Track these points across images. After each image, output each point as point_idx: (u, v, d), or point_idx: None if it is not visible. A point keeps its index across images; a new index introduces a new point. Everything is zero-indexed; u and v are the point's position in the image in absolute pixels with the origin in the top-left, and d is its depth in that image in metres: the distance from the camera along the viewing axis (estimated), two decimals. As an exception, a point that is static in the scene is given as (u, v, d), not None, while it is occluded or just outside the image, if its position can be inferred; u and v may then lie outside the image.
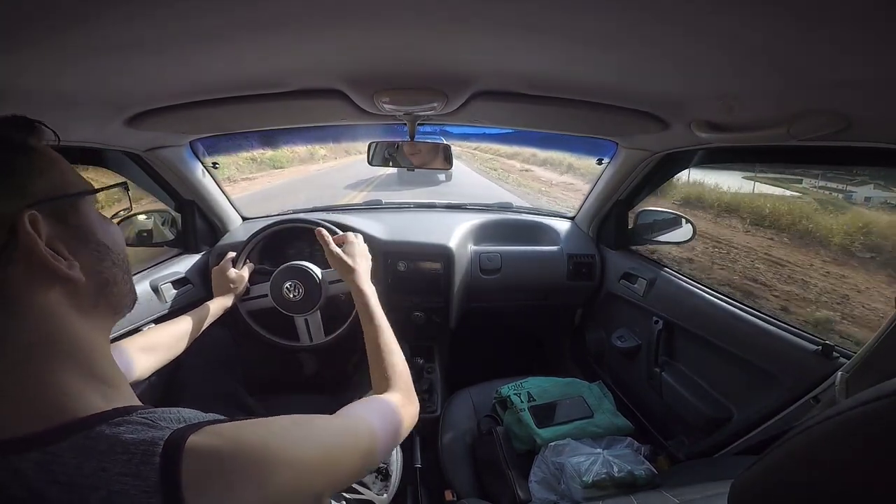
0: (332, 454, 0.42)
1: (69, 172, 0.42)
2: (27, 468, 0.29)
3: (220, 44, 0.56)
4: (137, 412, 0.34)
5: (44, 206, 0.36)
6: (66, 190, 0.39)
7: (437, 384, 1.46)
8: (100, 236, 0.41)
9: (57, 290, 0.35)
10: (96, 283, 0.39)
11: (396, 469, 1.06)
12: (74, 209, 0.40)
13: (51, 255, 0.35)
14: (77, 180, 0.42)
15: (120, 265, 0.43)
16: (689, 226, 1.36)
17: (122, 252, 0.45)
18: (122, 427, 0.32)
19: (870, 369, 0.71)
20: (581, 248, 1.61)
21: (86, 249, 0.39)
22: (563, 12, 0.45)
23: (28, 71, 0.57)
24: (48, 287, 0.35)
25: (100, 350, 0.38)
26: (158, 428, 0.33)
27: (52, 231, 0.36)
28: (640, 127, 0.95)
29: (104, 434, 0.31)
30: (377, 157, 1.22)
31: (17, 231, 0.33)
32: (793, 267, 4.27)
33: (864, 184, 5.19)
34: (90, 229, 0.40)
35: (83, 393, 0.34)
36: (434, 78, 0.75)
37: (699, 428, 1.11)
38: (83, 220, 0.40)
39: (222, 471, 0.32)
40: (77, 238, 0.39)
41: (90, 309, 0.38)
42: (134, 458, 0.30)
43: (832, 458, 0.35)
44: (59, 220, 0.37)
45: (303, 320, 1.27)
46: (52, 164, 0.40)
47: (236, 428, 0.35)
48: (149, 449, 0.31)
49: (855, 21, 0.39)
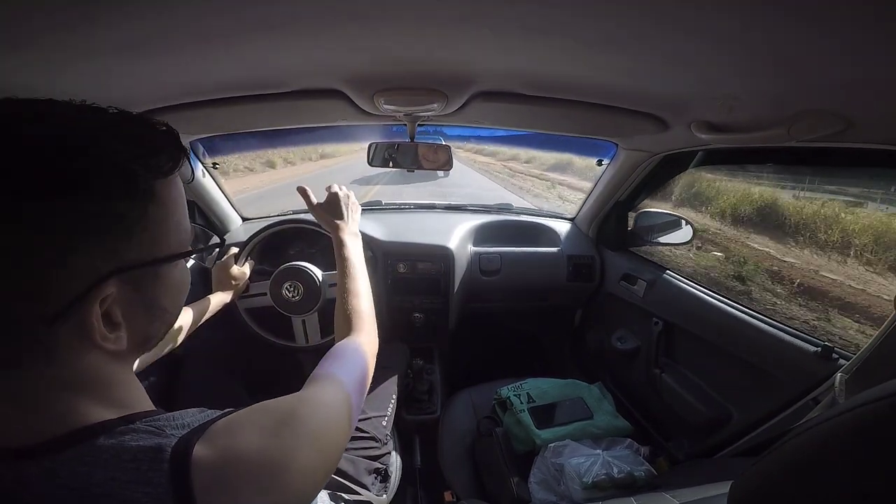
0: (325, 447, 0.42)
1: (179, 225, 0.37)
2: (34, 476, 0.29)
3: (220, 44, 0.56)
4: (141, 420, 0.34)
5: (128, 275, 0.33)
6: (161, 251, 0.35)
7: (437, 385, 1.46)
8: (164, 302, 0.38)
9: (97, 353, 0.33)
10: (139, 342, 0.37)
11: (396, 470, 1.05)
12: (158, 272, 0.36)
13: (101, 336, 0.32)
14: (181, 234, 0.37)
15: (168, 323, 0.40)
16: (689, 227, 1.36)
17: (178, 311, 0.41)
18: (126, 435, 0.32)
19: (869, 370, 0.71)
20: (581, 250, 1.61)
21: (143, 315, 0.36)
22: (563, 13, 0.45)
23: (28, 71, 0.57)
24: (90, 350, 0.33)
25: (121, 379, 0.37)
26: (164, 435, 0.32)
27: (118, 297, 0.32)
28: (639, 128, 0.95)
29: (108, 443, 0.31)
30: (377, 158, 1.22)
31: (87, 299, 0.30)
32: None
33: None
34: (159, 297, 0.37)
35: (95, 411, 0.33)
36: (434, 78, 0.75)
37: (699, 429, 1.11)
38: (158, 287, 0.36)
39: (233, 480, 0.32)
40: (141, 306, 0.35)
41: (126, 356, 0.37)
42: (142, 466, 0.30)
43: (832, 459, 0.35)
44: (134, 286, 0.34)
45: (300, 321, 1.27)
46: (166, 218, 0.35)
47: (239, 441, 0.35)
48: (156, 456, 0.30)
49: (855, 21, 0.39)
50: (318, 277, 1.22)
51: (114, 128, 0.32)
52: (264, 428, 0.36)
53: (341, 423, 0.47)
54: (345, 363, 0.58)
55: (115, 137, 0.31)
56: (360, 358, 0.62)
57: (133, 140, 0.32)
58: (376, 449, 0.99)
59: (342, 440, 0.46)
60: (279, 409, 0.40)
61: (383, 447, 1.01)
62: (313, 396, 0.47)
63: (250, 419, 0.37)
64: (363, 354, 0.63)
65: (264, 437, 0.35)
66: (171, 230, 0.36)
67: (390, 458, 1.04)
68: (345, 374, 0.55)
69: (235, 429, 0.36)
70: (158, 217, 0.34)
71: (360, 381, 0.58)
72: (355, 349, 0.63)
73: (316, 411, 0.43)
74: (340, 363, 0.58)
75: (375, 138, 1.20)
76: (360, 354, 0.62)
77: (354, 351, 0.63)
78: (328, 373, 0.54)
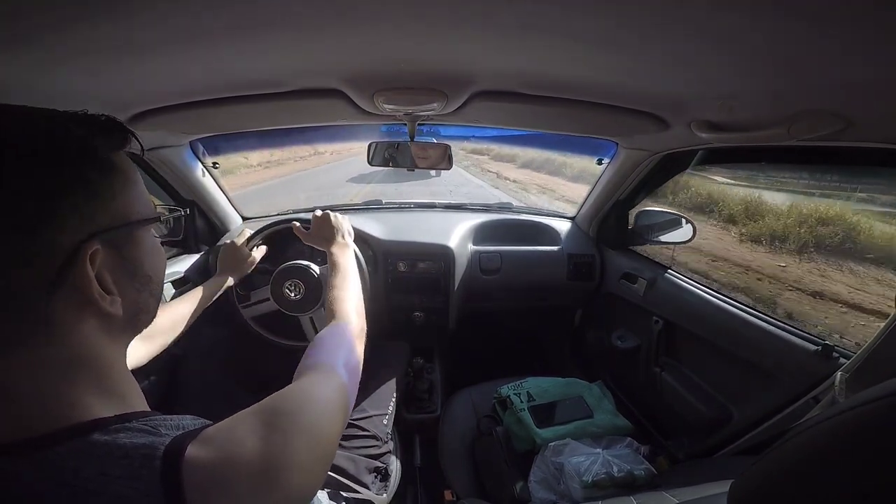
0: (322, 440, 0.42)
1: (143, 195, 0.40)
2: (23, 471, 0.29)
3: (220, 44, 0.56)
4: (138, 419, 0.34)
5: (107, 235, 0.35)
6: (132, 216, 0.38)
7: (437, 384, 1.46)
8: (146, 268, 0.40)
9: (94, 321, 0.35)
10: (131, 312, 0.39)
11: (396, 469, 1.06)
12: (133, 238, 0.39)
13: (99, 294, 0.34)
14: (145, 204, 0.41)
15: (155, 294, 0.43)
16: (690, 226, 1.35)
17: (161, 281, 0.44)
18: (121, 433, 0.32)
19: (870, 369, 0.71)
20: (581, 248, 1.61)
21: (131, 283, 0.39)
22: (562, 12, 0.45)
23: (28, 70, 0.57)
24: (88, 318, 0.35)
25: (117, 366, 0.38)
26: (158, 434, 0.33)
27: (105, 262, 0.35)
28: (640, 127, 0.95)
29: (102, 439, 0.31)
30: (377, 158, 1.22)
31: (75, 263, 0.33)
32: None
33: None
34: (140, 261, 0.40)
35: (91, 404, 0.34)
36: (434, 78, 0.75)
37: (699, 428, 1.11)
38: (137, 252, 0.39)
39: (229, 480, 0.32)
40: (126, 271, 0.38)
41: (118, 333, 0.38)
42: (134, 462, 0.30)
43: (832, 459, 0.35)
44: (115, 250, 0.37)
45: (308, 319, 1.27)
46: (128, 186, 0.38)
47: (234, 442, 0.35)
48: (149, 453, 0.31)
49: (855, 21, 0.39)
50: (317, 272, 1.22)
51: (65, 116, 0.36)
52: (259, 427, 0.37)
53: (336, 413, 0.47)
54: (332, 348, 0.59)
55: (70, 121, 0.36)
56: (345, 341, 0.62)
57: (84, 122, 0.36)
58: (377, 448, 0.99)
59: (338, 429, 0.47)
60: (273, 407, 0.40)
61: (384, 446, 1.01)
62: (305, 390, 0.47)
63: (245, 420, 0.37)
64: (349, 336, 0.64)
65: (260, 437, 0.36)
66: (136, 198, 0.39)
67: (390, 456, 1.04)
68: (334, 359, 0.56)
69: (230, 430, 0.36)
70: (122, 185, 0.38)
71: (352, 362, 0.59)
72: (339, 333, 0.64)
73: (309, 405, 0.43)
74: (327, 350, 0.58)
75: (374, 138, 1.21)
76: (345, 337, 0.63)
77: (339, 335, 0.63)
78: (316, 362, 0.55)
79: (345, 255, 0.91)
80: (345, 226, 1.01)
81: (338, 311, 0.72)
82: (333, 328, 0.66)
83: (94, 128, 0.37)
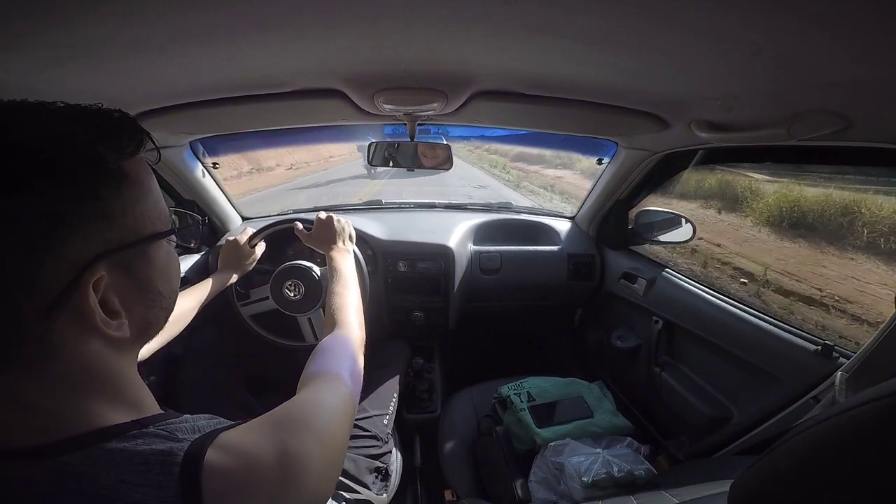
0: (334, 446, 0.42)
1: (156, 205, 0.37)
2: (38, 477, 0.29)
3: (220, 44, 0.56)
4: (154, 424, 0.34)
5: (115, 256, 0.32)
6: (144, 231, 0.35)
7: (437, 384, 1.46)
8: (158, 285, 0.38)
9: (99, 341, 0.33)
10: (139, 329, 0.37)
11: (396, 469, 1.06)
12: (145, 253, 0.36)
13: (103, 322, 0.32)
14: (159, 215, 0.37)
15: (166, 309, 0.40)
16: (689, 225, 1.35)
17: (174, 293, 0.41)
18: (139, 439, 0.32)
19: (870, 369, 0.71)
20: (581, 248, 1.61)
21: (140, 300, 0.36)
22: (563, 12, 0.45)
23: (27, 70, 0.57)
24: (91, 339, 0.32)
25: (128, 374, 0.37)
26: (176, 440, 0.32)
27: (112, 283, 0.33)
28: (640, 127, 0.95)
29: (120, 446, 0.31)
30: (377, 158, 1.22)
31: (76, 289, 0.30)
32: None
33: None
34: (152, 278, 0.37)
35: (105, 411, 0.33)
36: (434, 78, 0.75)
37: (699, 428, 1.11)
38: (148, 269, 0.36)
39: (249, 486, 0.32)
40: (135, 288, 0.35)
41: (127, 348, 0.37)
42: (153, 469, 0.30)
43: (832, 458, 0.35)
44: (124, 269, 0.34)
45: (306, 319, 1.27)
46: (140, 198, 0.35)
47: (252, 448, 0.35)
48: (167, 459, 0.30)
49: (855, 21, 0.39)
50: (317, 273, 1.22)
51: (69, 116, 0.32)
52: (275, 434, 0.37)
53: (345, 420, 0.47)
54: (337, 357, 0.59)
55: (76, 121, 0.32)
56: (349, 350, 0.63)
57: (90, 124, 0.32)
58: (377, 448, 0.99)
59: (347, 436, 0.47)
60: (286, 415, 0.41)
61: (384, 446, 1.02)
62: (316, 398, 0.47)
63: (260, 427, 0.38)
64: (351, 346, 0.64)
65: (276, 444, 0.36)
66: (150, 210, 0.36)
67: (391, 456, 1.04)
68: (340, 367, 0.56)
69: (248, 436, 0.36)
70: (134, 198, 0.34)
71: (356, 372, 0.59)
72: (343, 342, 0.64)
73: (321, 413, 0.44)
74: (334, 359, 0.58)
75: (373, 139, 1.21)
76: (348, 347, 0.63)
77: (343, 344, 0.63)
78: (323, 371, 0.55)
79: (345, 261, 0.90)
80: (347, 230, 1.01)
81: (340, 319, 0.72)
82: (337, 337, 0.66)
83: (101, 129, 0.33)
